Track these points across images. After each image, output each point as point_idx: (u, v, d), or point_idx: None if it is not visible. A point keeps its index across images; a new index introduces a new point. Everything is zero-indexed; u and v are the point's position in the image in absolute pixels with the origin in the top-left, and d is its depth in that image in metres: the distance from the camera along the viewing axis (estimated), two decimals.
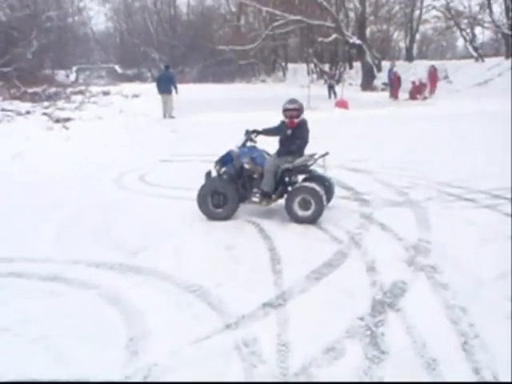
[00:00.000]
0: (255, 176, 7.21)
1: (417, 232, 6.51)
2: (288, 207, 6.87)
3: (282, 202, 7.20)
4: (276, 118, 7.44)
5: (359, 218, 7.07)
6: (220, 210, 7.04)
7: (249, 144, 7.32)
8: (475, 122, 16.40)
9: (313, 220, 6.83)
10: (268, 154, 7.23)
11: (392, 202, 7.88)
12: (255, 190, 7.30)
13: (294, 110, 7.04)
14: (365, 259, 5.62)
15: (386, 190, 8.67)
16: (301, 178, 7.49)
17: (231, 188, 6.95)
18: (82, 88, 34.77)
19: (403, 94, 27.89)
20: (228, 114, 19.90)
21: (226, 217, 7.05)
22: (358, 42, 33.72)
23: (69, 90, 33.21)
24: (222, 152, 7.24)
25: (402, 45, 51.02)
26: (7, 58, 37.53)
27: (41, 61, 49.42)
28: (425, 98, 26.23)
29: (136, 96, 29.60)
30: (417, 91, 26.61)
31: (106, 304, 4.71)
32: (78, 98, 27.32)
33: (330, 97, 28.78)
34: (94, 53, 71.90)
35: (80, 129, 15.79)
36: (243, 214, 7.22)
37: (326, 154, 7.13)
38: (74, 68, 58.88)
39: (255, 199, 7.21)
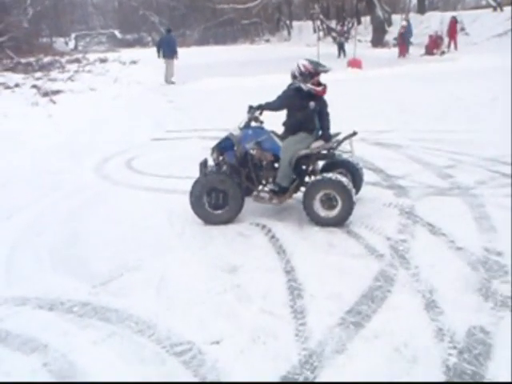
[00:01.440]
0: (264, 165, 5.49)
1: (479, 236, 4.88)
2: (307, 206, 5.20)
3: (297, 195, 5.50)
4: (285, 81, 5.58)
5: (399, 216, 5.42)
6: (220, 212, 5.40)
7: (253, 124, 5.56)
8: (503, 78, 14.38)
9: (340, 222, 5.19)
10: (278, 136, 5.49)
11: (436, 190, 6.21)
12: (263, 182, 5.60)
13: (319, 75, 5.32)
14: (419, 287, 4.01)
15: (424, 171, 6.99)
16: (321, 163, 5.76)
17: (233, 183, 5.28)
18: (79, 56, 32.93)
19: (418, 49, 25.65)
20: (231, 79, 18.06)
21: (228, 220, 5.43)
22: None
23: (65, 58, 31.40)
24: (226, 126, 5.51)
25: None
26: (1, 27, 35.53)
27: (38, 29, 47.26)
28: (443, 52, 24.12)
29: (134, 62, 27.71)
30: (434, 45, 24.48)
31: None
32: (74, 66, 25.58)
33: (339, 55, 26.68)
34: (93, 18, 69.37)
35: (68, 103, 14.10)
36: (249, 214, 5.62)
37: (354, 134, 5.41)
38: (73, 35, 56.65)
39: (264, 195, 5.52)
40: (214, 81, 17.72)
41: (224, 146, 5.67)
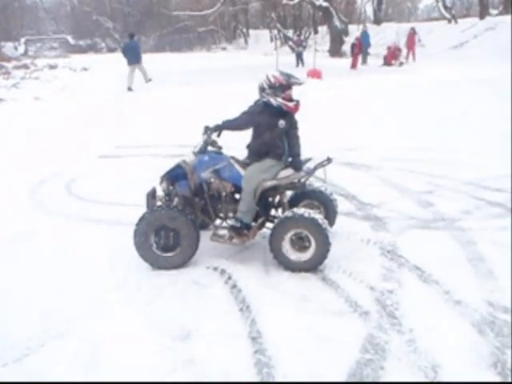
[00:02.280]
0: (222, 197, 4.60)
1: (478, 285, 4.12)
2: (275, 247, 4.33)
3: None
4: (245, 92, 4.74)
5: (380, 256, 4.64)
6: (170, 255, 4.47)
7: (210, 149, 4.65)
8: (467, 90, 13.97)
9: (313, 266, 4.38)
10: (240, 162, 4.59)
11: (418, 221, 5.46)
12: (222, 216, 4.71)
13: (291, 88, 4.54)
14: (419, 362, 3.18)
15: (401, 197, 6.22)
16: (289, 193, 4.90)
17: (186, 220, 4.37)
18: (28, 61, 31.32)
19: (376, 60, 25.29)
20: (188, 88, 17.06)
21: (180, 264, 4.52)
22: (325, 4, 30.81)
23: (12, 63, 29.78)
24: (181, 141, 4.65)
25: (367, 8, 48.19)
26: None
27: None
28: (401, 63, 23.80)
29: (85, 69, 26.31)
30: (392, 56, 24.10)
31: None
32: (20, 73, 24.12)
33: (297, 65, 25.98)
34: (44, 23, 66.88)
35: (7, 114, 12.80)
36: (206, 254, 4.77)
37: (329, 161, 4.59)
38: (23, 39, 54.20)
39: (223, 233, 4.61)
40: (169, 90, 16.67)
41: (175, 175, 4.73)
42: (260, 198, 4.55)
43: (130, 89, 17.57)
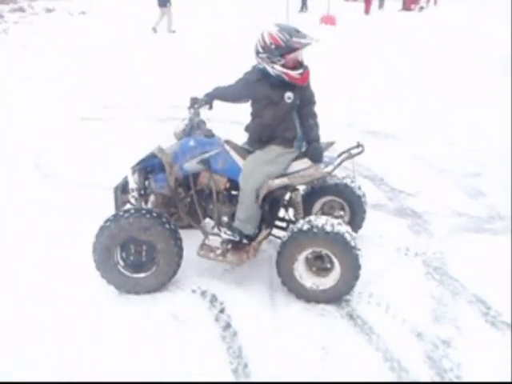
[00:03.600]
0: (214, 195, 3.29)
1: None
2: (284, 270, 3.12)
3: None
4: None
5: (425, 277, 3.43)
6: (142, 276, 3.24)
7: (198, 130, 3.33)
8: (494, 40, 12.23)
9: (336, 297, 3.11)
10: (238, 149, 3.28)
11: (468, 220, 4.23)
12: (213, 221, 3.46)
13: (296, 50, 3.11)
14: None
15: (442, 182, 4.95)
16: (302, 188, 3.63)
17: (163, 230, 3.12)
18: (25, 4, 29.34)
19: (395, 4, 23.21)
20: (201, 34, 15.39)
21: (156, 287, 3.27)
22: None
23: (9, 6, 27.88)
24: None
25: None
26: None
27: None
28: (421, 8, 21.78)
29: (83, 13, 24.44)
30: (411, 0, 21.97)
31: None
32: (15, 16, 22.42)
33: (302, 9, 23.42)
34: None
35: None
36: (190, 265, 3.48)
37: (359, 149, 3.27)
38: None
39: (215, 247, 3.35)
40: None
41: (151, 166, 3.43)
42: (264, 197, 3.25)
43: (172, 31, 16.12)
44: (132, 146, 5.20)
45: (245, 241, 3.34)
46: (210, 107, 3.47)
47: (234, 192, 3.44)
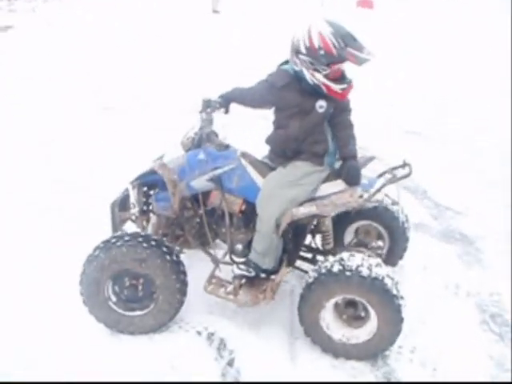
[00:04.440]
0: (227, 219, 2.77)
1: None
2: (307, 317, 2.55)
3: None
4: None
5: (484, 332, 2.67)
6: (138, 314, 2.67)
7: (208, 142, 2.70)
8: None
9: (370, 353, 2.47)
10: (257, 164, 2.65)
11: None
12: (226, 246, 2.86)
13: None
14: None
15: (494, 197, 4.17)
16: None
17: (164, 262, 2.55)
18: None
19: None
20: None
21: (155, 327, 2.66)
22: None
23: None
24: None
25: None
26: None
27: None
28: None
29: None
30: None
31: None
32: None
33: None
34: None
35: None
36: (197, 298, 2.89)
37: (407, 170, 2.60)
38: None
39: (225, 283, 2.76)
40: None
41: (152, 181, 2.85)
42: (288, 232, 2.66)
43: (215, 11, 15.18)
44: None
45: (262, 275, 2.74)
46: (226, 111, 2.89)
47: (250, 217, 2.82)
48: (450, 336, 2.70)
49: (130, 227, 3.10)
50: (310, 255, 3.00)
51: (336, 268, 2.45)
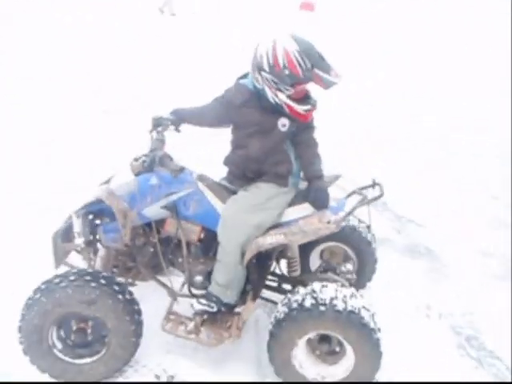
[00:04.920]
0: (184, 249, 2.50)
1: None
2: (277, 356, 2.26)
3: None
4: None
5: (463, 358, 2.52)
6: (88, 361, 2.32)
7: (161, 167, 2.38)
8: None
9: None
10: (212, 187, 2.38)
11: (499, 266, 3.32)
12: (184, 278, 2.59)
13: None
14: None
15: (455, 205, 4.06)
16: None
17: (115, 302, 2.20)
18: None
19: None
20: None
21: (106, 375, 2.34)
22: None
23: None
24: None
25: None
26: None
27: None
28: None
29: None
30: None
31: None
32: None
33: None
34: None
35: None
36: (152, 337, 2.56)
37: (379, 192, 2.40)
38: None
39: (184, 321, 2.48)
40: None
41: (98, 210, 2.53)
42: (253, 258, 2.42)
43: (172, 14, 14.73)
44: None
45: (224, 311, 2.48)
46: (177, 130, 2.61)
47: (210, 243, 2.56)
48: (427, 365, 2.53)
49: (74, 259, 2.77)
50: (274, 283, 2.76)
51: (308, 302, 2.23)
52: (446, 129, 5.59)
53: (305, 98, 2.29)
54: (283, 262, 2.76)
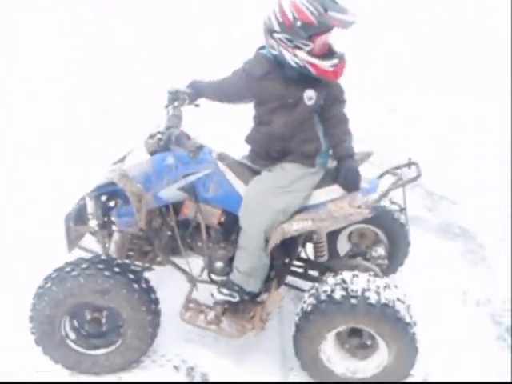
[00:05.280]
0: (204, 232, 2.34)
1: None
2: (304, 350, 2.07)
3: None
4: None
5: (508, 352, 2.30)
6: (103, 352, 2.19)
7: (178, 146, 2.17)
8: None
9: None
10: (233, 167, 2.18)
11: None
12: (204, 263, 2.41)
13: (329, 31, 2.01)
14: None
15: (488, 184, 3.80)
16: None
17: (130, 291, 2.02)
18: None
19: None
20: None
21: (123, 366, 2.22)
22: None
23: None
24: None
25: None
26: None
27: None
28: None
29: None
30: None
31: None
32: None
33: None
34: None
35: None
36: (170, 326, 2.43)
37: (416, 173, 2.16)
38: None
39: (206, 310, 2.31)
40: None
41: (112, 192, 2.36)
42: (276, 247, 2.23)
43: None
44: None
45: (247, 301, 2.31)
46: (195, 104, 2.41)
47: (231, 227, 2.38)
48: (465, 358, 2.33)
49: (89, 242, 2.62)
50: (300, 269, 2.57)
51: (338, 294, 2.04)
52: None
53: (329, 54, 2.03)
54: (309, 246, 2.56)
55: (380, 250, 2.63)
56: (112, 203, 2.50)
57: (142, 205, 2.22)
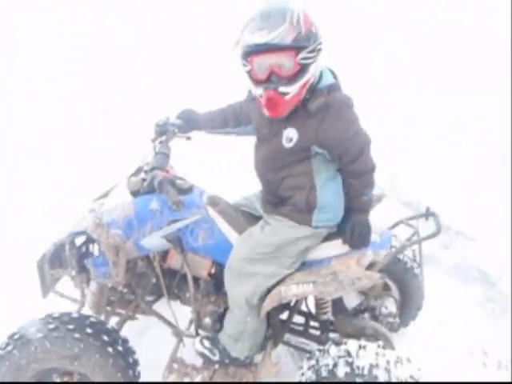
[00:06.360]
0: (190, 284, 2.05)
1: None
2: None
3: None
4: None
5: None
6: None
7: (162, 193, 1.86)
8: None
9: None
10: (225, 213, 1.87)
11: None
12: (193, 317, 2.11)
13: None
14: None
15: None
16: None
17: (105, 356, 1.73)
18: None
19: None
20: None
21: None
22: None
23: None
24: None
25: None
26: None
27: None
28: None
29: None
30: None
31: None
32: None
33: None
34: None
35: None
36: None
37: (436, 226, 1.84)
38: None
39: (189, 367, 2.01)
40: None
41: (88, 237, 2.08)
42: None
43: None
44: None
45: (227, 361, 2.02)
46: (188, 138, 2.12)
47: (223, 279, 2.08)
48: None
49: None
50: (300, 327, 2.28)
51: (342, 370, 1.73)
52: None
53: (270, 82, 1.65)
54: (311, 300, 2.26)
55: (391, 306, 2.31)
56: (90, 246, 2.21)
57: (120, 257, 1.93)
